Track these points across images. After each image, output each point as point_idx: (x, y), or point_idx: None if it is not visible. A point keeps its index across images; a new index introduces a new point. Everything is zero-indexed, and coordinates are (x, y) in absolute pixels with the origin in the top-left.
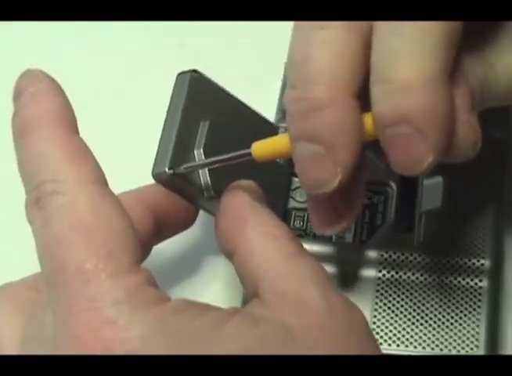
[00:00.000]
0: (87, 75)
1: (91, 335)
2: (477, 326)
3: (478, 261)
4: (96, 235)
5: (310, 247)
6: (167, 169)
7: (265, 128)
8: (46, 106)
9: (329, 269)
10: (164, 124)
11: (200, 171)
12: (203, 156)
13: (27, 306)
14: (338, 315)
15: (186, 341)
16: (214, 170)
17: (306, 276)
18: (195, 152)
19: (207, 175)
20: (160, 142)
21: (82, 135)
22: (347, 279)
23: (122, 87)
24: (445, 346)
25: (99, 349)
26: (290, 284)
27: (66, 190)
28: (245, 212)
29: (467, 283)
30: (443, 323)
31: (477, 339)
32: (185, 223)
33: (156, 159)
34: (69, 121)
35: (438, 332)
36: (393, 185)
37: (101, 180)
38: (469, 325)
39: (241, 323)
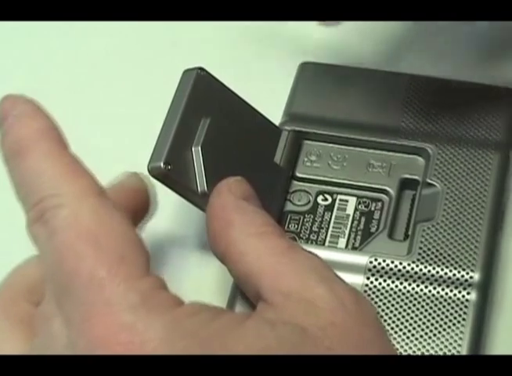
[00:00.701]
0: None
1: (111, 339)
2: (460, 338)
3: (468, 273)
4: (105, 242)
5: None
6: (162, 164)
7: (268, 131)
8: (34, 126)
9: None
10: (165, 120)
11: (195, 168)
12: (200, 153)
13: (25, 322)
14: (351, 309)
15: (205, 342)
16: (210, 167)
17: (305, 272)
18: (193, 149)
19: (203, 172)
20: (158, 136)
21: (81, 133)
22: None
23: (123, 83)
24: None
25: (120, 352)
26: (291, 283)
27: (69, 203)
28: (231, 213)
29: (455, 295)
30: (426, 333)
31: (458, 352)
32: (147, 210)
33: (152, 153)
34: (59, 138)
35: (420, 342)
36: (391, 192)
37: (101, 191)
38: (452, 337)
39: (259, 324)
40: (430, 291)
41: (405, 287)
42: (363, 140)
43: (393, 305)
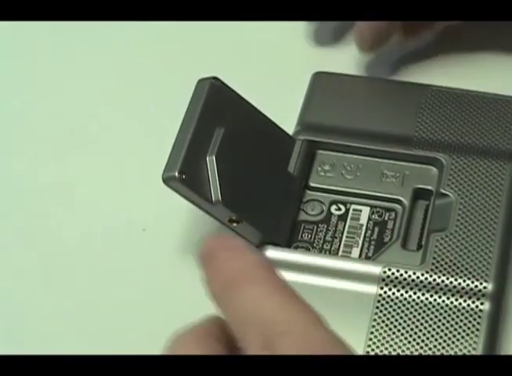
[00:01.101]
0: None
1: None
2: (474, 349)
3: (481, 284)
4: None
5: (316, 260)
6: (177, 173)
7: (282, 140)
8: (250, 258)
9: (333, 282)
10: (179, 129)
11: (210, 177)
12: (215, 163)
13: None
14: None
15: None
16: (225, 177)
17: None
18: (207, 158)
19: (217, 181)
20: (173, 146)
21: (93, 144)
22: (349, 293)
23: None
24: None
25: None
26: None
27: (299, 330)
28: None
29: (468, 305)
30: (439, 343)
31: None
32: None
33: (167, 163)
34: (272, 268)
35: (434, 352)
36: (405, 202)
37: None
38: (466, 347)
39: None
40: (443, 301)
41: (418, 297)
42: (376, 150)
43: (406, 315)
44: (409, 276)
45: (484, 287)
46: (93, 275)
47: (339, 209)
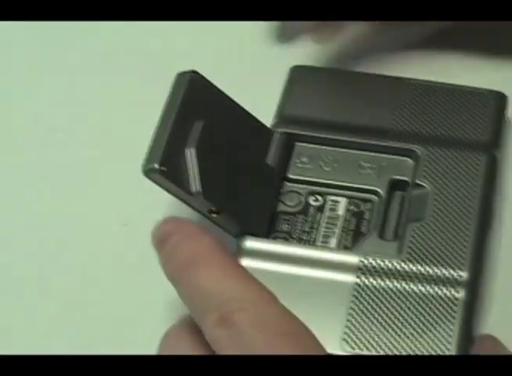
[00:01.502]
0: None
1: None
2: (450, 336)
3: (456, 272)
4: (304, 340)
5: (294, 250)
6: (157, 166)
7: (260, 133)
8: (205, 241)
9: (310, 272)
10: (159, 122)
11: (189, 169)
12: (194, 155)
13: None
14: None
15: None
16: (204, 169)
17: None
18: (187, 151)
19: (197, 173)
20: (153, 138)
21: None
22: (326, 282)
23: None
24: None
25: None
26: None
27: (255, 306)
28: None
29: (444, 293)
30: (416, 331)
31: (448, 349)
32: None
33: (147, 155)
34: (227, 251)
35: (411, 340)
36: (381, 193)
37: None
38: (442, 335)
39: None
40: (419, 290)
41: (395, 286)
42: (354, 142)
43: (383, 304)
44: (386, 265)
45: (460, 276)
46: (73, 271)
47: (317, 200)
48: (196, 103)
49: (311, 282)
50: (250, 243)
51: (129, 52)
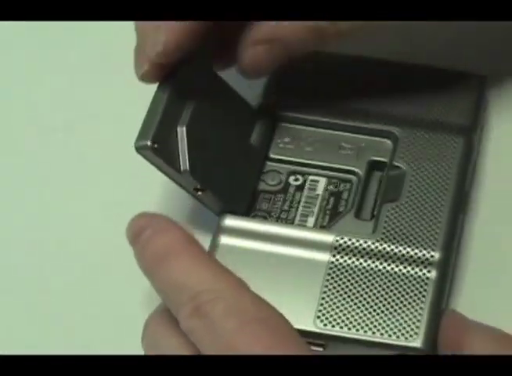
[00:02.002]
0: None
1: None
2: (420, 314)
3: (429, 252)
4: (276, 325)
5: (271, 228)
6: (149, 142)
7: (246, 113)
8: (176, 235)
9: (287, 250)
10: (152, 100)
11: (179, 147)
12: (185, 133)
13: None
14: None
15: None
16: (193, 147)
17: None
18: (178, 129)
19: (186, 151)
20: (146, 116)
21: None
22: (302, 260)
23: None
24: (386, 331)
25: None
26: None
27: (227, 295)
28: None
29: (416, 272)
30: (387, 309)
31: (417, 327)
32: None
33: (140, 132)
34: (199, 244)
35: (382, 317)
36: (360, 173)
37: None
38: (412, 313)
39: None
40: (392, 269)
41: (368, 265)
42: (334, 123)
43: (357, 282)
44: (360, 244)
45: (432, 256)
46: (73, 271)
47: (297, 180)
48: (189, 82)
49: (288, 260)
50: (229, 221)
51: (129, 52)
